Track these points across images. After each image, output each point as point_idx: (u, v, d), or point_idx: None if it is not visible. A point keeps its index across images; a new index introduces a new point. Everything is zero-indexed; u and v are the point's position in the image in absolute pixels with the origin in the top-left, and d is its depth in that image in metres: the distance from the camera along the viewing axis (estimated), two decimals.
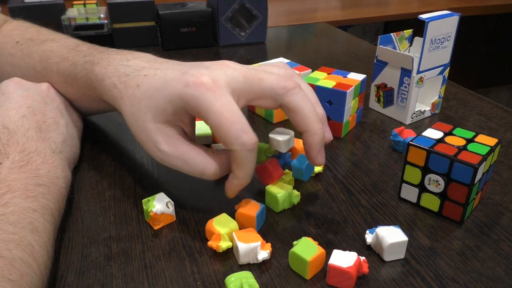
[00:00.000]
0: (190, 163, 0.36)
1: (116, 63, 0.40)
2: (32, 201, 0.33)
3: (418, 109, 0.55)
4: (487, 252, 0.35)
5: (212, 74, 0.34)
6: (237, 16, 0.84)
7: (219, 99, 0.33)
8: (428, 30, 0.49)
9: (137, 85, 0.37)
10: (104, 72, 0.40)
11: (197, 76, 0.34)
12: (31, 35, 0.49)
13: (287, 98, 0.35)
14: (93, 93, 0.42)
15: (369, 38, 1.97)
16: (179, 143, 0.36)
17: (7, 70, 0.49)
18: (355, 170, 0.46)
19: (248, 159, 0.34)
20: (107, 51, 0.43)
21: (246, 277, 0.31)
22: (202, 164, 0.36)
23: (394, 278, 0.33)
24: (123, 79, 0.38)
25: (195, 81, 0.33)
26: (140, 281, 0.33)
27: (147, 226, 0.38)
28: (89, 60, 0.42)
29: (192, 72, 0.34)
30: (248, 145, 0.33)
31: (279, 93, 0.35)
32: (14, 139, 0.38)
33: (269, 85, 0.35)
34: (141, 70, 0.38)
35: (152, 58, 0.40)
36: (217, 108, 0.33)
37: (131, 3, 0.80)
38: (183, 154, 0.36)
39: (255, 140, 0.33)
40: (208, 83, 0.33)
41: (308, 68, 0.56)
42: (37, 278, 0.29)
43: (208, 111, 0.33)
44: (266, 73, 0.36)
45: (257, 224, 0.37)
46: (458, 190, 0.36)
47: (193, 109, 0.34)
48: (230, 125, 0.32)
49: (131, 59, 0.40)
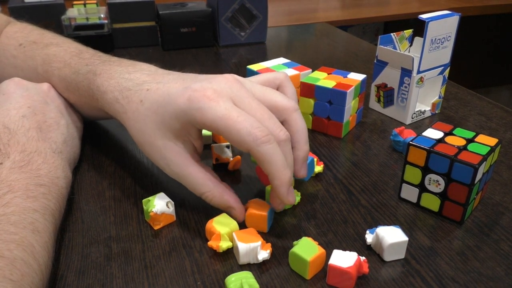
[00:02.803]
0: (193, 186, 0.37)
1: (117, 76, 0.40)
2: (32, 201, 0.33)
3: (418, 109, 0.55)
4: (487, 252, 0.35)
5: (215, 87, 0.34)
6: (237, 16, 0.84)
7: (222, 105, 0.33)
8: (428, 30, 0.50)
9: (140, 100, 0.37)
10: (106, 85, 0.40)
11: (199, 90, 0.34)
12: (34, 38, 0.49)
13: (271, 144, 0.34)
14: (95, 104, 0.43)
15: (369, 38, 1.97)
16: (188, 162, 0.37)
17: (9, 72, 0.49)
18: (355, 170, 0.46)
19: (270, 152, 0.33)
20: (109, 61, 0.43)
21: (246, 277, 0.31)
22: (203, 189, 0.37)
23: (394, 278, 0.33)
24: (125, 94, 0.38)
25: (198, 95, 0.34)
26: (140, 281, 0.33)
27: (147, 226, 0.38)
28: (91, 70, 0.42)
29: (194, 86, 0.34)
30: (262, 138, 0.33)
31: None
32: (14, 139, 0.38)
33: (266, 128, 0.34)
34: (143, 84, 0.38)
35: (153, 71, 0.40)
36: (223, 113, 0.33)
37: (131, 3, 0.80)
38: (190, 176, 0.37)
39: (267, 131, 0.33)
40: (210, 94, 0.34)
41: (308, 68, 0.56)
42: (37, 278, 0.29)
43: (215, 118, 0.33)
44: (266, 114, 0.35)
45: (268, 224, 0.37)
46: (458, 190, 0.36)
47: (199, 122, 0.34)
48: (239, 124, 0.33)
49: (132, 72, 0.40)
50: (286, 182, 0.34)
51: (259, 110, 0.35)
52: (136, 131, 0.38)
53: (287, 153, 0.35)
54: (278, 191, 0.34)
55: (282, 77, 0.40)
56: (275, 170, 0.33)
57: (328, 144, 0.51)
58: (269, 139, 0.33)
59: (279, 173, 0.34)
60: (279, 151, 0.34)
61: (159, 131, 0.36)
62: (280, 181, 0.34)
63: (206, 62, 0.78)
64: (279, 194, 0.35)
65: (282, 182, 0.34)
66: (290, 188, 0.35)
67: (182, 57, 0.80)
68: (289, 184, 0.34)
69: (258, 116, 0.34)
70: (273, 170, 0.34)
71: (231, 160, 0.45)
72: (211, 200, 0.37)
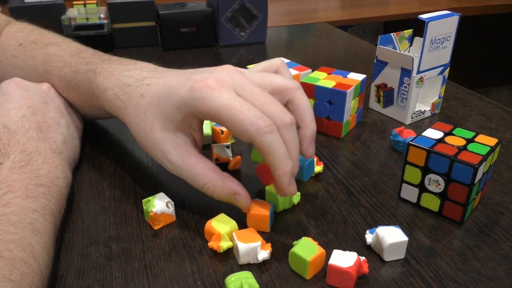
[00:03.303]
0: (194, 177, 0.36)
1: (118, 74, 0.40)
2: (32, 201, 0.33)
3: (418, 109, 0.55)
4: (487, 252, 0.35)
5: (216, 77, 0.34)
6: (237, 16, 0.84)
7: (225, 95, 0.33)
8: (428, 30, 0.50)
9: (140, 95, 0.37)
10: (106, 83, 0.40)
11: (201, 80, 0.34)
12: (34, 37, 0.49)
13: (282, 131, 0.34)
14: (95, 102, 0.43)
15: (369, 38, 1.97)
16: (187, 154, 0.36)
17: (9, 71, 0.49)
18: (355, 170, 0.46)
19: (272, 142, 0.33)
20: (109, 60, 0.43)
21: (246, 277, 0.31)
22: (204, 179, 0.36)
23: (394, 278, 0.33)
24: (125, 90, 0.38)
25: (200, 85, 0.34)
26: (140, 281, 0.33)
27: (147, 226, 0.38)
28: (91, 68, 0.42)
29: (196, 77, 0.35)
30: (264, 128, 0.33)
31: (278, 123, 0.34)
32: (14, 139, 0.38)
33: (271, 112, 0.34)
34: (143, 80, 0.38)
35: (153, 68, 0.41)
36: (226, 103, 0.33)
37: (131, 3, 0.80)
38: (190, 167, 0.36)
39: (270, 122, 0.33)
40: (212, 84, 0.34)
41: (308, 68, 0.56)
42: (37, 278, 0.29)
43: (218, 107, 0.33)
44: (270, 99, 0.35)
45: (270, 223, 0.37)
46: (458, 190, 0.36)
47: (201, 112, 0.34)
48: (242, 114, 0.33)
49: (132, 69, 0.40)
50: (287, 173, 0.34)
51: (261, 96, 0.35)
52: (136, 125, 0.38)
53: (293, 137, 0.35)
54: (280, 181, 0.34)
55: (278, 62, 0.41)
56: (277, 161, 0.34)
57: (328, 144, 0.51)
58: (271, 130, 0.33)
59: (281, 163, 0.34)
60: (281, 142, 0.34)
61: (159, 123, 0.36)
62: (282, 171, 0.34)
63: (206, 62, 0.78)
64: (280, 184, 0.35)
65: (284, 172, 0.34)
66: (292, 179, 0.35)
67: (182, 57, 0.80)
68: (290, 175, 0.35)
69: (261, 101, 0.34)
70: (275, 161, 0.34)
71: (231, 160, 0.45)
72: (214, 191, 0.36)
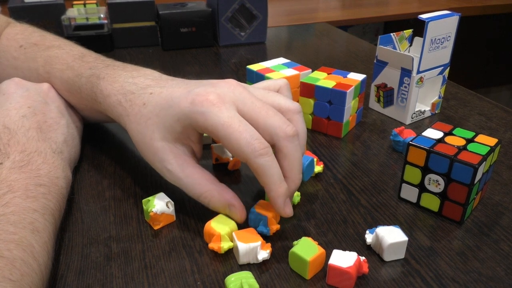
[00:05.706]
0: (191, 187, 0.37)
1: (122, 80, 0.40)
2: (32, 201, 0.33)
3: (418, 109, 0.55)
4: (487, 252, 0.35)
5: (218, 91, 0.34)
6: (237, 16, 0.84)
7: (225, 112, 0.33)
8: (428, 30, 0.50)
9: (143, 103, 0.37)
10: (109, 88, 0.40)
11: (203, 94, 0.34)
12: (35, 40, 0.49)
13: (284, 142, 0.35)
14: (97, 107, 0.43)
15: (369, 38, 1.97)
16: (186, 164, 0.37)
17: (9, 73, 0.49)
18: (355, 170, 0.46)
19: (267, 165, 0.33)
20: (113, 66, 0.43)
21: (246, 277, 0.31)
22: (201, 189, 0.36)
23: (394, 278, 0.33)
24: (128, 97, 0.39)
25: (201, 99, 0.34)
26: (140, 281, 0.33)
27: (147, 226, 0.38)
28: (94, 73, 0.42)
29: (198, 90, 0.35)
30: (260, 150, 0.33)
31: (280, 135, 0.34)
32: (14, 139, 0.38)
33: (273, 124, 0.34)
34: (147, 88, 0.38)
35: (157, 76, 0.41)
36: (225, 120, 0.33)
37: (131, 3, 0.80)
38: (188, 177, 0.36)
39: (266, 144, 0.33)
40: (213, 99, 0.34)
41: (308, 68, 0.56)
42: (37, 278, 0.29)
43: (216, 124, 0.33)
44: (271, 111, 0.35)
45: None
46: (458, 190, 0.36)
47: (201, 126, 0.34)
48: (239, 134, 0.33)
49: (136, 76, 0.40)
50: (281, 195, 0.34)
51: (263, 108, 0.35)
52: (136, 133, 0.38)
53: (295, 150, 0.35)
54: (275, 202, 0.35)
55: (282, 83, 0.41)
56: (271, 183, 0.34)
57: (328, 144, 0.51)
58: (267, 152, 0.33)
59: (275, 186, 0.34)
60: (276, 164, 0.34)
61: (159, 133, 0.36)
62: (275, 193, 0.34)
63: (206, 62, 0.78)
64: (275, 206, 0.35)
65: (278, 194, 0.34)
66: (287, 200, 0.35)
67: (182, 57, 0.80)
68: (285, 197, 0.35)
69: (263, 114, 0.34)
70: (269, 183, 0.34)
71: (231, 160, 0.45)
72: (210, 200, 0.37)
